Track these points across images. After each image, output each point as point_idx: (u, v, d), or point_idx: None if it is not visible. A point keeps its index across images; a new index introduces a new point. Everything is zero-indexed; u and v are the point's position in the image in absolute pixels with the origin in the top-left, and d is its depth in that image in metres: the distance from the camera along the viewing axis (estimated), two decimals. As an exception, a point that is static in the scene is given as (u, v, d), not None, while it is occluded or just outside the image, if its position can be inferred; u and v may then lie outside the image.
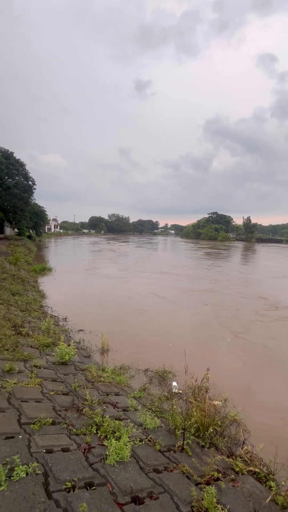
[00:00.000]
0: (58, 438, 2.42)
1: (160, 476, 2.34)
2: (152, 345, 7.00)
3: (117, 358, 6.06)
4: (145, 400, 4.19)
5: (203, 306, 11.30)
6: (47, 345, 5.28)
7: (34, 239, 48.12)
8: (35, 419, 2.56)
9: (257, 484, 2.71)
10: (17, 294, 9.16)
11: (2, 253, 17.67)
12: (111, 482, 2.05)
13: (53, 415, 2.80)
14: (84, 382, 4.13)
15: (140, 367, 5.72)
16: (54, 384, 3.71)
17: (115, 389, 4.29)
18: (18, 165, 34.26)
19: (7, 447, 2.05)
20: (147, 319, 9.25)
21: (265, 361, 6.44)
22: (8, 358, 4.06)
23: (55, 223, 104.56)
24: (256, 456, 3.28)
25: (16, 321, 5.82)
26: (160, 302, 11.83)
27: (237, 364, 6.27)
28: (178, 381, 5.13)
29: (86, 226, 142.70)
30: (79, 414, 3.03)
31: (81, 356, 5.74)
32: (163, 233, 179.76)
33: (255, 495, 2.48)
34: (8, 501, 1.59)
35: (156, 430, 3.20)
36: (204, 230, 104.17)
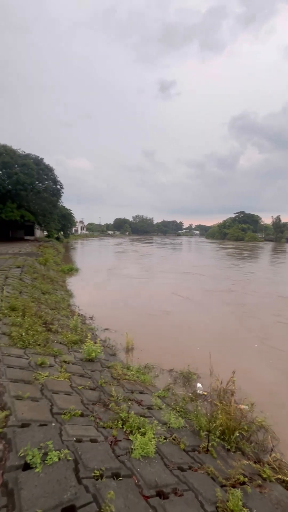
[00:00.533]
0: (87, 429, 2.55)
1: (184, 474, 2.36)
2: (176, 346, 6.99)
3: (142, 357, 6.15)
4: (169, 400, 4.22)
5: (227, 308, 11.02)
6: (75, 342, 5.52)
7: (62, 240, 50.18)
8: (65, 410, 2.72)
9: (286, 492, 2.62)
10: (47, 293, 9.65)
11: (33, 254, 18.68)
12: (136, 474, 2.12)
13: (81, 407, 2.95)
14: (110, 379, 4.26)
15: (164, 367, 5.75)
16: (82, 379, 3.88)
17: (139, 387, 4.37)
18: (47, 170, 36.00)
19: (41, 433, 2.21)
20: (171, 320, 9.24)
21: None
22: (40, 352, 4.32)
23: (82, 225, 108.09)
24: (286, 464, 3.16)
25: (47, 319, 6.15)
26: (183, 303, 11.75)
27: (263, 369, 6.04)
28: (203, 383, 5.08)
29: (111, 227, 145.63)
30: (106, 409, 3.15)
31: (107, 354, 5.91)
32: (188, 233, 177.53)
33: (283, 503, 2.41)
34: (43, 482, 1.73)
35: (180, 429, 3.22)
36: (230, 230, 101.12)
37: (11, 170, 30.86)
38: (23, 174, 31.04)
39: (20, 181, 30.56)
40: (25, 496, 1.61)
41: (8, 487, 1.67)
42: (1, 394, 2.69)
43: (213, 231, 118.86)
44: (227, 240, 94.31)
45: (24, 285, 9.22)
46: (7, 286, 8.17)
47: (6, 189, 30.99)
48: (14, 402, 2.58)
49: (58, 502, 1.61)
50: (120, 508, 1.71)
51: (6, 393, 2.72)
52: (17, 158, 31.98)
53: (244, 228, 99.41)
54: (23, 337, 4.61)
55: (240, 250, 47.83)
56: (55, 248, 30.85)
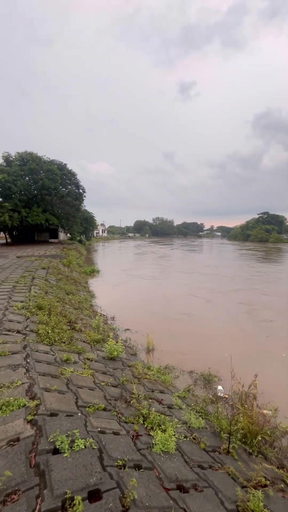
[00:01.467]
0: (109, 422, 2.67)
1: (204, 472, 2.40)
2: (196, 348, 6.96)
3: (162, 358, 6.21)
4: (189, 401, 4.24)
5: (247, 309, 10.72)
6: (97, 341, 5.71)
7: (84, 243, 51.57)
8: (89, 404, 2.87)
9: (311, 500, 2.55)
10: (71, 293, 10.03)
11: (57, 256, 19.43)
12: (157, 468, 2.20)
13: (104, 402, 3.08)
14: (131, 377, 4.38)
15: (184, 369, 5.77)
16: (104, 376, 4.04)
17: (160, 387, 4.44)
18: (70, 175, 37.29)
19: (68, 422, 2.37)
20: (192, 322, 9.20)
21: None
22: (65, 349, 4.54)
23: (103, 227, 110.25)
24: (310, 472, 3.07)
25: (71, 318, 6.42)
26: (204, 305, 11.61)
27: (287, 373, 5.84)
28: (224, 386, 5.03)
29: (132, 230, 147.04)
30: (127, 405, 3.26)
31: (128, 353, 6.05)
32: (209, 235, 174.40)
33: (307, 509, 2.36)
34: (71, 466, 1.86)
35: (200, 430, 3.24)
36: (253, 231, 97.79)
37: (37, 176, 32.40)
38: (48, 179, 32.45)
39: (45, 186, 31.97)
40: (55, 477, 1.76)
41: (40, 468, 1.82)
42: (31, 386, 2.90)
43: (235, 232, 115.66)
44: (250, 241, 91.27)
45: (49, 285, 9.66)
46: (34, 286, 8.62)
47: (32, 194, 32.56)
48: (43, 393, 2.77)
49: (85, 485, 1.74)
50: (142, 496, 1.80)
51: (36, 385, 2.93)
52: (42, 164, 33.49)
53: (268, 229, 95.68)
54: (49, 334, 4.87)
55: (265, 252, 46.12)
56: (77, 250, 31.83)
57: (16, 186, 29.67)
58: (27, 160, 32.45)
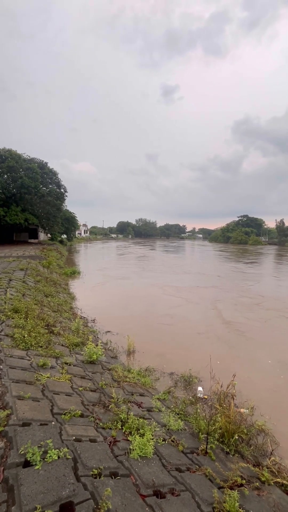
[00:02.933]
0: (86, 429, 2.59)
1: (182, 475, 2.39)
2: (178, 349, 7.00)
3: (143, 360, 6.17)
4: (169, 403, 4.24)
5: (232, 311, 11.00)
6: (76, 344, 5.57)
7: (65, 243, 50.50)
8: (65, 411, 2.77)
9: (285, 496, 2.62)
10: (50, 295, 9.74)
11: (37, 257, 18.85)
12: (134, 474, 2.16)
13: (81, 408, 2.99)
14: (111, 381, 4.30)
15: (165, 370, 5.77)
16: (83, 381, 3.93)
17: (140, 389, 4.40)
18: (51, 174, 36.42)
19: (42, 432, 2.26)
20: (173, 323, 9.25)
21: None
22: (41, 354, 4.38)
23: (85, 228, 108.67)
24: (285, 468, 3.16)
25: (49, 321, 6.22)
26: (186, 305, 11.75)
27: (263, 372, 6.02)
28: (204, 386, 5.09)
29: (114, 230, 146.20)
30: (106, 410, 3.19)
31: (108, 356, 5.95)
32: (191, 237, 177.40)
33: (281, 506, 2.42)
34: (42, 479, 1.77)
35: (179, 432, 3.24)
36: (233, 234, 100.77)
37: (16, 174, 31.31)
38: (28, 178, 31.47)
39: (25, 184, 30.97)
40: (25, 492, 1.66)
41: (9, 483, 1.72)
42: (3, 394, 2.75)
43: (216, 234, 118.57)
44: (230, 243, 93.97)
45: (27, 287, 9.32)
46: (11, 288, 8.27)
47: (11, 192, 31.40)
48: (16, 401, 2.64)
49: (56, 498, 1.66)
50: (117, 505, 1.75)
51: (8, 393, 2.78)
52: (22, 162, 32.43)
53: (247, 232, 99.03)
54: (25, 338, 4.67)
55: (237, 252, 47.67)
56: (58, 251, 31.06)
57: (-6, 184, 28.51)
58: (6, 158, 31.29)
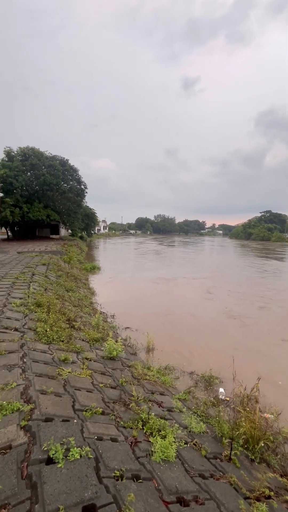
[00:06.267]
0: (107, 428, 2.56)
1: (206, 482, 2.29)
2: (198, 348, 6.85)
3: (162, 358, 6.11)
4: (190, 403, 4.14)
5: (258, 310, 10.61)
6: (96, 339, 5.61)
7: (85, 239, 51.47)
8: (87, 407, 2.76)
9: (316, 511, 2.44)
10: (71, 290, 9.93)
11: (58, 252, 19.33)
12: (156, 478, 2.09)
13: (102, 405, 2.98)
14: (131, 378, 4.27)
15: (185, 369, 5.67)
16: (103, 377, 3.93)
17: (160, 388, 4.34)
18: (72, 171, 37.01)
19: (64, 429, 2.26)
20: (193, 321, 9.09)
21: None
22: (63, 348, 4.44)
23: (104, 224, 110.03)
24: (315, 481, 2.96)
25: (70, 315, 6.32)
26: (206, 303, 11.50)
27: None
28: (225, 388, 4.93)
29: (133, 227, 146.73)
30: (126, 408, 3.16)
31: (128, 353, 5.94)
32: (210, 233, 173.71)
33: (313, 523, 2.25)
34: (65, 478, 1.75)
35: (201, 435, 3.14)
36: (255, 230, 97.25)
37: (38, 172, 32.18)
38: (50, 175, 32.23)
39: (47, 181, 31.77)
40: (48, 490, 1.65)
41: (32, 480, 1.71)
42: (26, 388, 2.79)
43: (237, 231, 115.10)
44: (252, 240, 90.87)
45: (49, 282, 9.56)
46: (34, 283, 8.52)
47: (34, 190, 32.37)
48: (39, 396, 2.67)
49: (79, 500, 1.63)
50: (140, 511, 1.69)
51: (31, 387, 2.82)
52: (44, 160, 33.24)
53: (270, 228, 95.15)
54: (47, 332, 4.76)
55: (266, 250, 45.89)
56: (78, 246, 31.71)
57: (18, 181, 29.48)
58: (29, 155, 32.22)
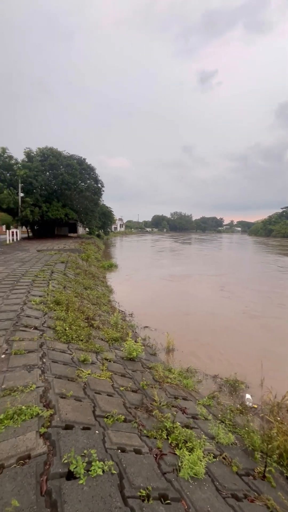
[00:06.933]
0: (130, 437, 2.39)
1: (240, 504, 2.06)
2: (220, 350, 6.54)
3: (183, 359, 5.88)
4: (215, 410, 3.88)
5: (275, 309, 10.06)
6: (115, 339, 5.48)
7: (102, 237, 51.93)
8: (108, 413, 2.60)
9: None
10: (89, 288, 9.92)
11: (76, 250, 19.55)
12: (186, 499, 1.89)
13: (124, 411, 2.82)
14: (152, 381, 4.09)
15: (207, 372, 5.40)
16: (123, 379, 3.78)
17: (182, 392, 4.12)
18: (89, 170, 37.38)
19: (85, 438, 2.11)
20: (215, 321, 8.75)
21: None
22: (82, 348, 4.34)
23: (121, 222, 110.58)
24: None
25: (89, 314, 6.24)
26: (227, 303, 11.08)
27: None
28: (252, 394, 4.61)
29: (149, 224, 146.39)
30: (149, 415, 2.97)
31: (147, 353, 5.77)
32: (228, 230, 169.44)
33: None
34: (87, 498, 1.60)
35: (230, 447, 2.89)
36: (276, 226, 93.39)
37: (57, 171, 32.78)
38: (68, 174, 32.73)
39: (65, 181, 32.28)
40: (69, 511, 1.49)
41: (52, 497, 1.57)
42: (46, 391, 2.69)
43: (257, 227, 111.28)
44: (273, 237, 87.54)
45: (67, 280, 9.60)
46: (52, 280, 8.56)
47: (52, 189, 33.04)
48: (58, 400, 2.55)
49: (103, 525, 1.47)
50: None
51: (51, 390, 2.71)
52: (62, 159, 33.78)
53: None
54: (66, 331, 4.69)
55: None
56: (96, 244, 32.01)
57: (37, 181, 30.20)
58: (48, 155, 32.87)
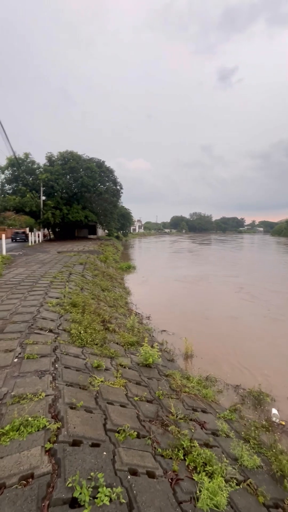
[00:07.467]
0: (143, 456, 2.19)
1: None
2: (243, 358, 6.13)
3: (202, 366, 5.57)
4: (237, 425, 3.57)
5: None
6: (131, 343, 5.31)
7: (121, 239, 52.35)
8: (120, 428, 2.42)
9: None
10: (106, 290, 9.86)
11: (95, 252, 19.73)
12: (205, 538, 1.65)
13: (137, 425, 2.62)
14: (168, 390, 3.86)
15: (228, 382, 5.06)
16: (138, 388, 3.58)
17: (201, 404, 3.85)
18: (108, 172, 37.83)
19: (93, 457, 1.94)
20: (236, 326, 8.31)
21: None
22: (96, 353, 4.21)
23: (139, 224, 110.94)
24: None
25: (105, 317, 6.13)
26: (251, 307, 10.53)
27: None
28: (279, 408, 4.22)
29: (168, 225, 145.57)
30: (164, 430, 2.75)
31: (164, 359, 5.53)
32: (250, 231, 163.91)
33: None
34: (91, 532, 1.41)
35: (255, 471, 2.59)
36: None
37: (77, 174, 33.51)
38: (87, 177, 33.32)
39: (85, 183, 32.89)
40: None
41: (52, 528, 1.41)
42: (55, 400, 2.56)
43: (280, 227, 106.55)
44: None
45: (85, 281, 9.61)
46: (70, 282, 8.59)
47: (72, 192, 33.82)
48: (67, 411, 2.40)
49: None
50: None
51: (60, 399, 2.58)
52: (82, 162, 34.46)
53: None
54: (81, 335, 4.59)
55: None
56: (114, 246, 32.24)
57: (58, 184, 31.04)
58: (68, 159, 33.69)
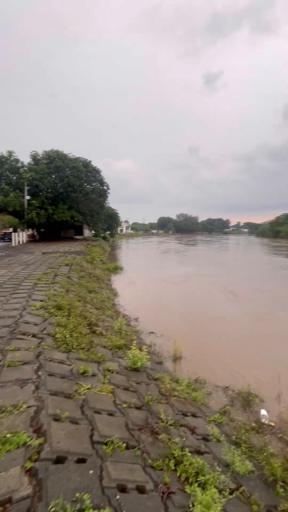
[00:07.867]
0: (132, 470, 2.06)
1: None
2: (231, 359, 6.13)
3: (191, 368, 5.51)
4: (227, 429, 3.52)
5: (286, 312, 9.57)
6: (119, 347, 5.16)
7: (108, 239, 51.83)
8: (107, 439, 2.28)
9: None
10: (93, 291, 9.64)
11: (81, 253, 19.37)
12: None
13: (126, 435, 2.49)
14: (158, 395, 3.75)
15: (218, 383, 5.02)
16: (127, 394, 3.45)
17: (191, 408, 3.77)
18: (94, 172, 37.33)
19: (78, 475, 1.80)
20: (225, 326, 8.34)
21: None
22: (82, 358, 4.04)
23: (127, 224, 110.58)
24: None
25: (91, 319, 5.95)
26: (238, 306, 10.63)
27: None
28: (268, 409, 4.21)
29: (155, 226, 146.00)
30: (154, 439, 2.64)
31: (153, 361, 5.42)
32: (235, 232, 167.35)
33: None
34: None
35: (247, 477, 2.53)
36: (284, 227, 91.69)
37: (62, 174, 32.80)
38: (73, 176, 32.70)
39: (71, 183, 32.26)
40: None
41: None
42: (38, 411, 2.38)
43: (264, 229, 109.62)
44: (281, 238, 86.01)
45: (71, 283, 9.34)
46: (55, 284, 8.31)
47: (58, 191, 33.07)
48: (51, 424, 2.23)
49: None
50: None
51: (44, 410, 2.40)
52: (68, 162, 33.78)
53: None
54: (67, 339, 4.39)
55: None
56: (101, 247, 31.85)
57: (43, 184, 30.25)
58: (54, 158, 32.96)
